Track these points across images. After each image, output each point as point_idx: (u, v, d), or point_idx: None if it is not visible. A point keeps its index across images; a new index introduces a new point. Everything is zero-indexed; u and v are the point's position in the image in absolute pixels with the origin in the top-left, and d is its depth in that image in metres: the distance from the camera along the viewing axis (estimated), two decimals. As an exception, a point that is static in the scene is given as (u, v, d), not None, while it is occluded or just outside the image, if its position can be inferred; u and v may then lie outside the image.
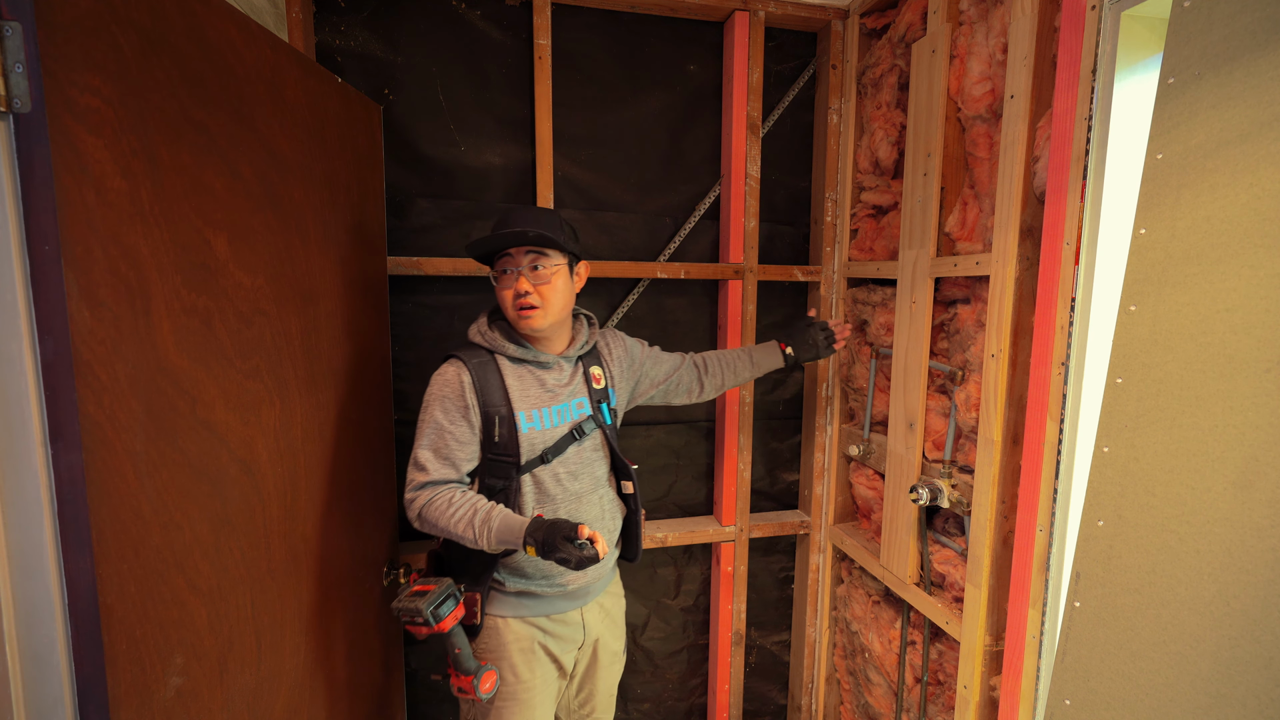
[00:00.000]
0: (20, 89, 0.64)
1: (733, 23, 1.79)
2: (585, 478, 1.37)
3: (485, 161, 1.76)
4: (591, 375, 1.41)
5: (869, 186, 1.80)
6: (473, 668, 1.25)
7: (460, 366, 1.28)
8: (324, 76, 1.28)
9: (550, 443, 1.32)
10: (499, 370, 1.30)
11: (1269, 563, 0.76)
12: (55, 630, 0.70)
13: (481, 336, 1.32)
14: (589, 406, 1.38)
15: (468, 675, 1.25)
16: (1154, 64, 1.03)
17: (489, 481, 1.30)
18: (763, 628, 2.19)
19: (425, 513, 1.25)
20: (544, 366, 1.34)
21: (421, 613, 1.20)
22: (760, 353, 1.65)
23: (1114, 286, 1.08)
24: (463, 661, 1.25)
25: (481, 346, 1.32)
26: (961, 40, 1.41)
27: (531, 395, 1.31)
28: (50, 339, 0.67)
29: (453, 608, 1.24)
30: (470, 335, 1.34)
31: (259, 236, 1.04)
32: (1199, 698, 0.83)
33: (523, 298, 1.26)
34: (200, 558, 0.92)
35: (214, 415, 0.94)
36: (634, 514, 1.46)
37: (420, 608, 1.20)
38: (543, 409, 1.32)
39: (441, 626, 1.22)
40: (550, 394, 1.34)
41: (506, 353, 1.31)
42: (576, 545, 1.14)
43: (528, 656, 1.36)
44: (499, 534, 1.20)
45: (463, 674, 1.25)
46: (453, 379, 1.27)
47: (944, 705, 1.57)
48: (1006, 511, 1.33)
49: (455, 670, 1.26)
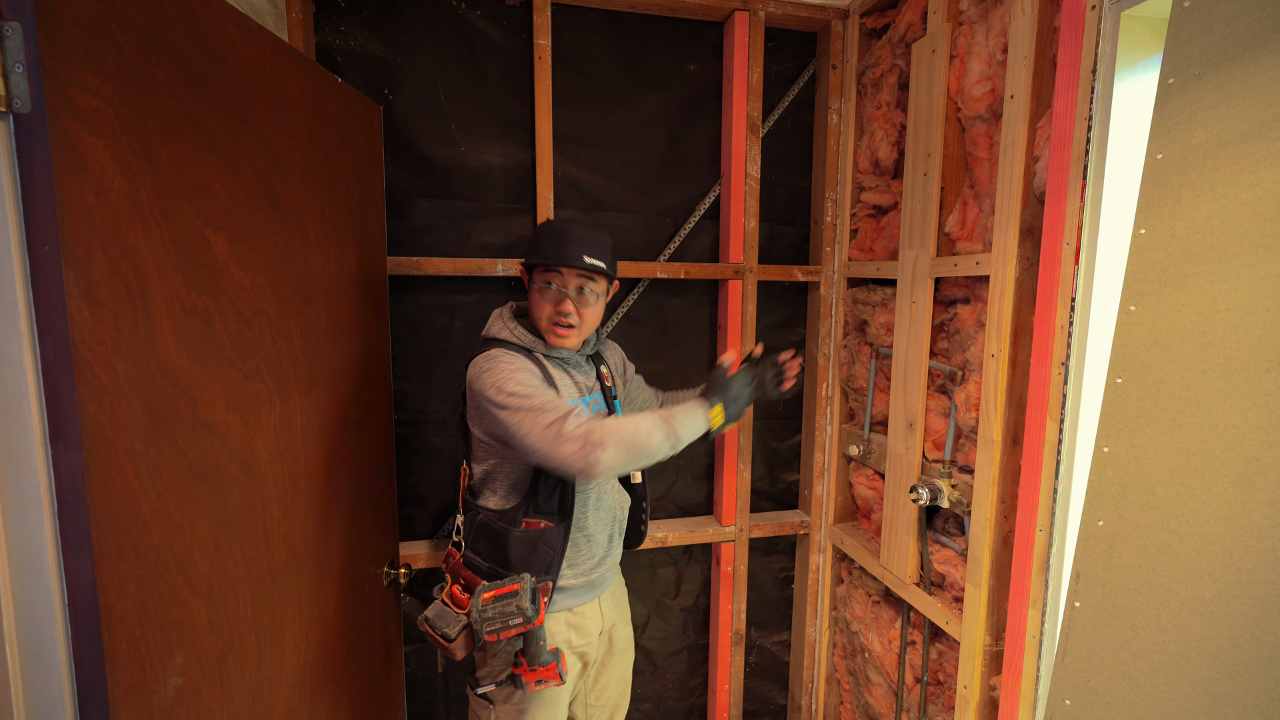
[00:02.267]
0: (20, 89, 0.64)
1: (733, 23, 1.79)
2: None
3: (485, 161, 1.76)
4: (602, 373, 1.47)
5: (869, 186, 1.80)
6: (550, 658, 1.26)
7: (515, 351, 1.28)
8: (324, 76, 1.28)
9: None
10: (542, 364, 1.32)
11: (1269, 563, 0.76)
12: (55, 630, 0.69)
13: (514, 334, 1.33)
14: (604, 402, 1.44)
15: (547, 665, 1.26)
16: (1154, 64, 1.03)
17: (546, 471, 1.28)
18: (763, 628, 2.19)
19: (604, 435, 1.13)
20: (572, 364, 1.40)
21: (523, 611, 1.19)
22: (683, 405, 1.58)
23: (1114, 286, 1.08)
24: (544, 653, 1.26)
25: (516, 344, 1.32)
26: (961, 40, 1.41)
27: (568, 387, 1.36)
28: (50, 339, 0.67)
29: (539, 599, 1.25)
30: (499, 334, 1.33)
31: (259, 236, 1.04)
32: (1199, 698, 0.83)
33: (564, 316, 1.31)
34: (200, 558, 0.92)
35: (214, 415, 0.94)
36: (640, 502, 1.51)
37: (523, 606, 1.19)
38: (577, 399, 1.36)
39: (540, 620, 1.22)
40: (579, 387, 1.39)
41: (539, 349, 1.34)
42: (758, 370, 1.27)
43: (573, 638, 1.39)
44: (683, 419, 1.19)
45: (541, 666, 1.26)
46: (515, 358, 1.26)
47: (944, 705, 1.57)
48: (1006, 511, 1.33)
49: (533, 664, 1.26)
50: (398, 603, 1.71)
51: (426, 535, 1.86)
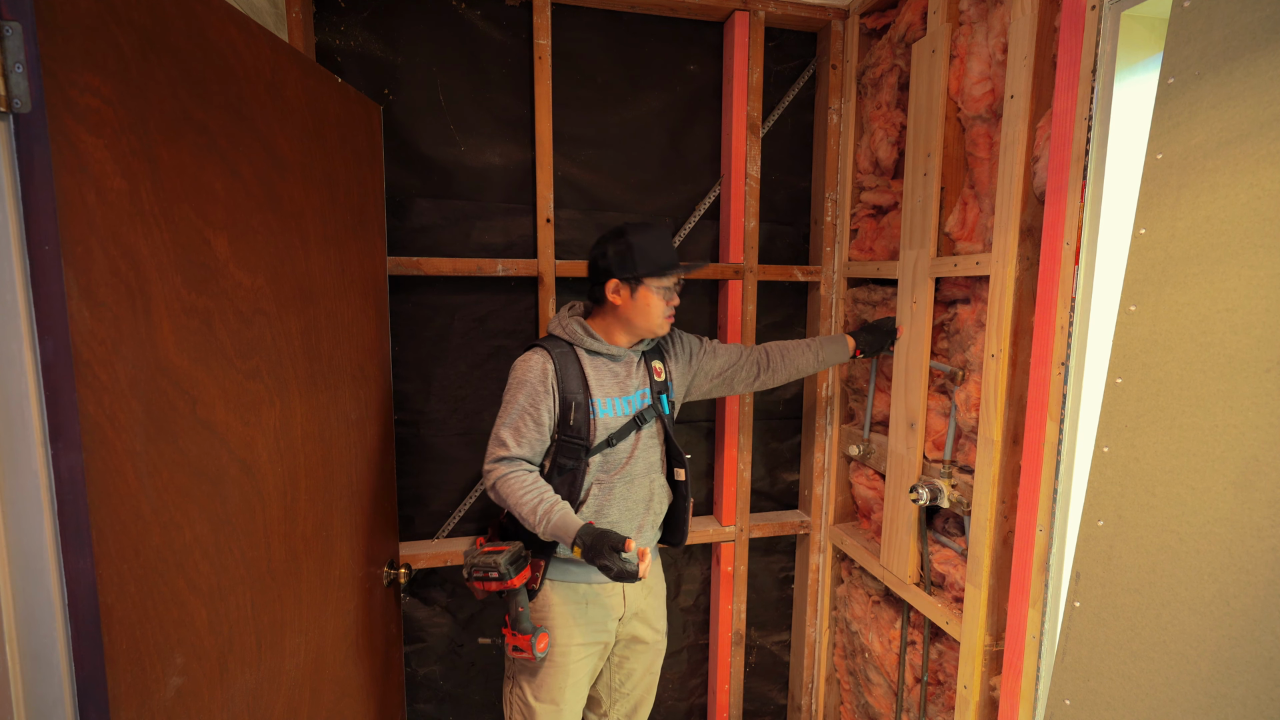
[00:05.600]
0: (20, 89, 0.64)
1: (733, 23, 1.79)
2: (640, 462, 1.47)
3: (485, 161, 1.76)
4: (654, 369, 1.52)
5: (869, 186, 1.80)
6: (529, 628, 1.36)
7: (545, 355, 1.40)
8: (324, 76, 1.28)
9: (616, 428, 1.43)
10: (579, 361, 1.43)
11: (1269, 563, 0.76)
12: (55, 630, 0.70)
13: (563, 329, 1.45)
14: (650, 397, 1.50)
15: (525, 635, 1.36)
16: (1154, 64, 1.03)
17: (560, 460, 1.41)
18: (763, 628, 2.19)
19: (500, 486, 1.36)
20: (615, 359, 1.47)
21: (498, 566, 1.31)
22: (829, 350, 1.68)
23: (1114, 286, 1.08)
24: (522, 621, 1.36)
25: (562, 339, 1.44)
26: (961, 40, 1.41)
27: (606, 384, 1.44)
28: (50, 339, 0.67)
29: (523, 567, 1.36)
30: (551, 329, 1.48)
31: (259, 236, 1.04)
32: (1199, 698, 0.83)
33: (672, 312, 1.46)
34: (200, 558, 0.92)
35: (214, 415, 0.94)
36: (682, 500, 1.55)
37: (497, 561, 1.32)
38: (615, 398, 1.44)
39: (514, 582, 1.33)
40: (620, 384, 1.46)
41: (585, 345, 1.43)
42: (621, 557, 1.24)
43: (568, 622, 1.45)
44: (555, 528, 1.31)
45: (520, 633, 1.36)
46: (537, 365, 1.39)
47: (944, 705, 1.57)
48: (1006, 511, 1.33)
49: (513, 630, 1.37)
50: (398, 603, 1.71)
51: (426, 535, 1.86)
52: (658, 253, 1.42)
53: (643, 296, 1.41)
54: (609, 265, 1.41)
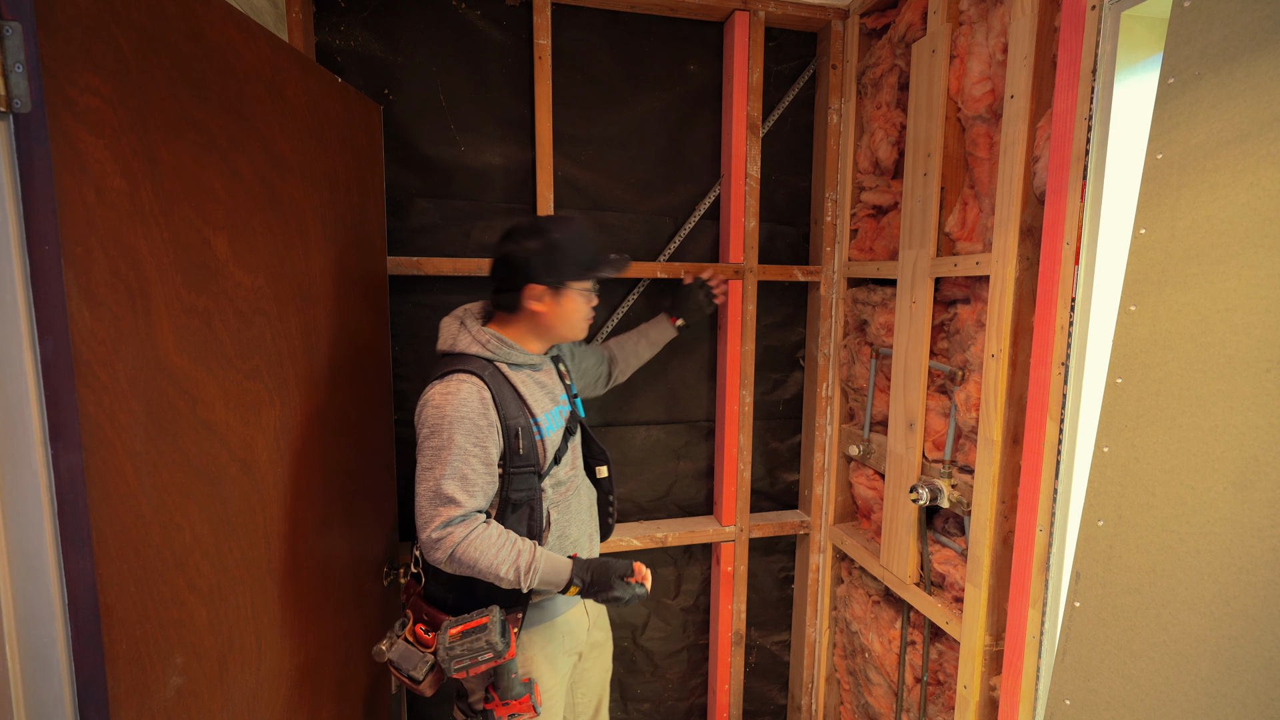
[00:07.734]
0: (20, 89, 0.64)
1: (733, 23, 1.79)
2: (579, 471, 1.41)
3: (485, 161, 1.76)
4: (561, 371, 1.44)
5: (869, 186, 1.80)
6: (522, 691, 1.21)
7: (477, 382, 1.20)
8: (324, 76, 1.28)
9: (558, 444, 1.32)
10: (507, 379, 1.25)
11: (1269, 563, 0.76)
12: (55, 630, 0.69)
13: (482, 346, 1.25)
14: (569, 402, 1.41)
15: (520, 698, 1.20)
16: (1154, 64, 1.03)
17: (512, 495, 1.23)
18: (763, 628, 2.19)
19: (462, 553, 1.14)
20: (537, 368, 1.35)
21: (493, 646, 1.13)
22: (655, 331, 1.70)
23: (1114, 286, 1.08)
24: (516, 685, 1.20)
25: (481, 356, 1.25)
26: (961, 40, 1.41)
27: (540, 400, 1.31)
28: (50, 339, 0.67)
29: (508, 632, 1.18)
30: (463, 347, 1.26)
31: (259, 236, 1.04)
32: (1199, 698, 0.83)
33: (592, 313, 1.36)
34: (200, 558, 0.92)
35: (214, 415, 0.94)
36: (606, 494, 1.49)
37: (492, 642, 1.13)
38: (549, 412, 1.32)
39: (511, 653, 1.16)
40: (550, 396, 1.35)
41: (509, 359, 1.27)
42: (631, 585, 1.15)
43: (551, 662, 1.35)
44: (544, 577, 1.18)
45: (514, 699, 1.20)
46: (471, 398, 1.18)
47: (944, 705, 1.57)
48: (1006, 511, 1.33)
49: (504, 698, 1.20)
50: (398, 603, 1.71)
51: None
52: (585, 251, 1.28)
53: (568, 301, 1.28)
54: (529, 268, 1.24)
